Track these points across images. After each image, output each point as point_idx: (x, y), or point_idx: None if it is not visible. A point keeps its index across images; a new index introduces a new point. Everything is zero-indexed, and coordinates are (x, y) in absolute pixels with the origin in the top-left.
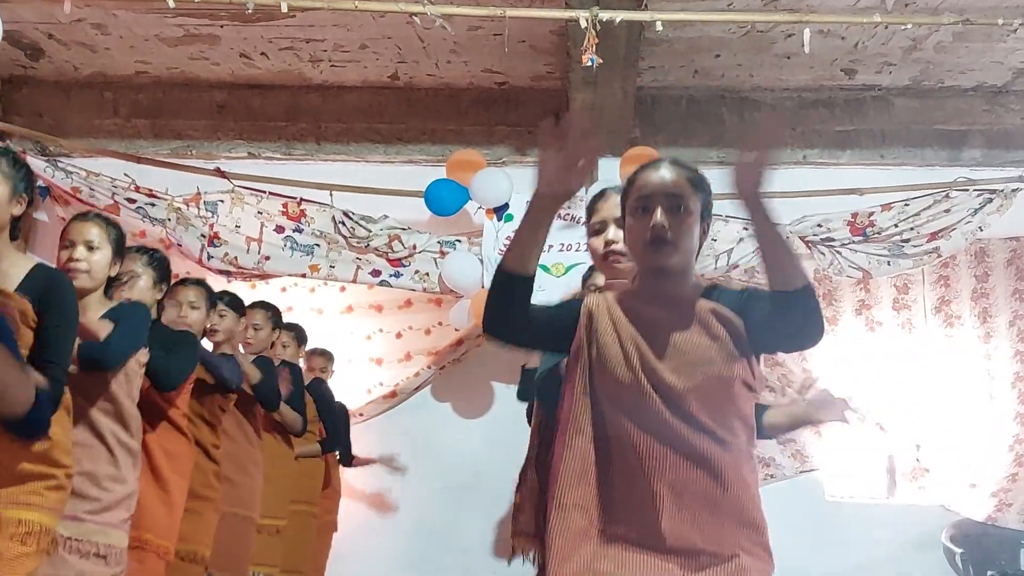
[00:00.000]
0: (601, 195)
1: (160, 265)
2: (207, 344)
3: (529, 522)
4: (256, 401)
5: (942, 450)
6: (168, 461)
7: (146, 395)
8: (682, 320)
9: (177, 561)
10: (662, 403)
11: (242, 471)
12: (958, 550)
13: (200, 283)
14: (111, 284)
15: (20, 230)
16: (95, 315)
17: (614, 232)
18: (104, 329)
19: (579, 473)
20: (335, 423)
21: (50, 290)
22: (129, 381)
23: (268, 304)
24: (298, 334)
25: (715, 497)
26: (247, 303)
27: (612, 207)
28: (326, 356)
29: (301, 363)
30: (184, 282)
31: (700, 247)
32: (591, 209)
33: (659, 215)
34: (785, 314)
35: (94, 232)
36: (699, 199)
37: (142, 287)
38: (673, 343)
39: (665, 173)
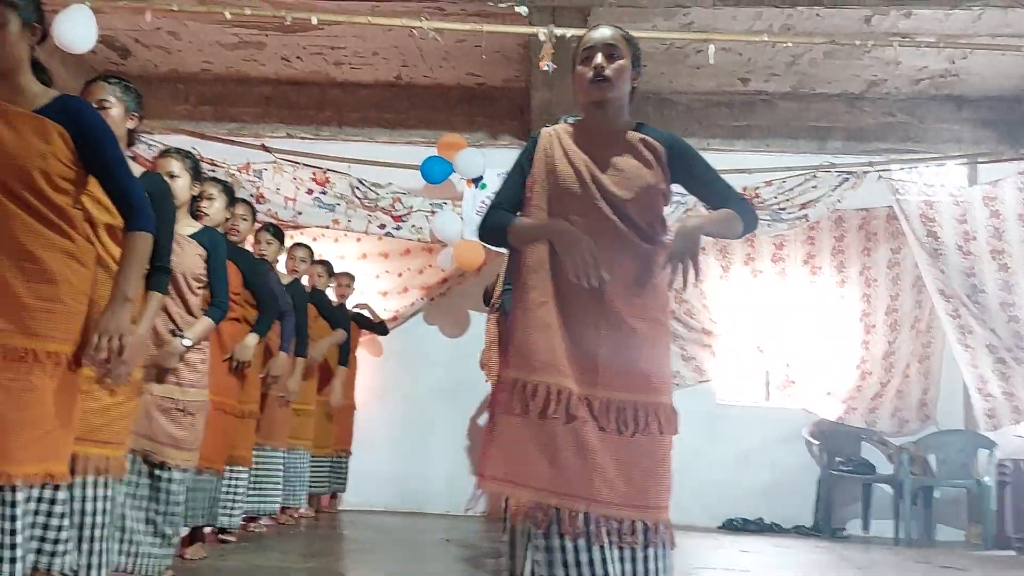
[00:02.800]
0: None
1: (229, 190)
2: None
3: (492, 357)
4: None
5: (806, 367)
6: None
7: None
8: (618, 146)
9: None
10: (608, 208)
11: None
12: (816, 442)
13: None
14: (194, 201)
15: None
16: (184, 231)
17: (602, 58)
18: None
19: (536, 269)
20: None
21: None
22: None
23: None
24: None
25: (646, 279)
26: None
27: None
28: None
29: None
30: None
31: (632, 91)
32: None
33: (599, 59)
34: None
35: (174, 165)
36: (630, 51)
37: (217, 207)
38: (613, 163)
39: (604, 31)
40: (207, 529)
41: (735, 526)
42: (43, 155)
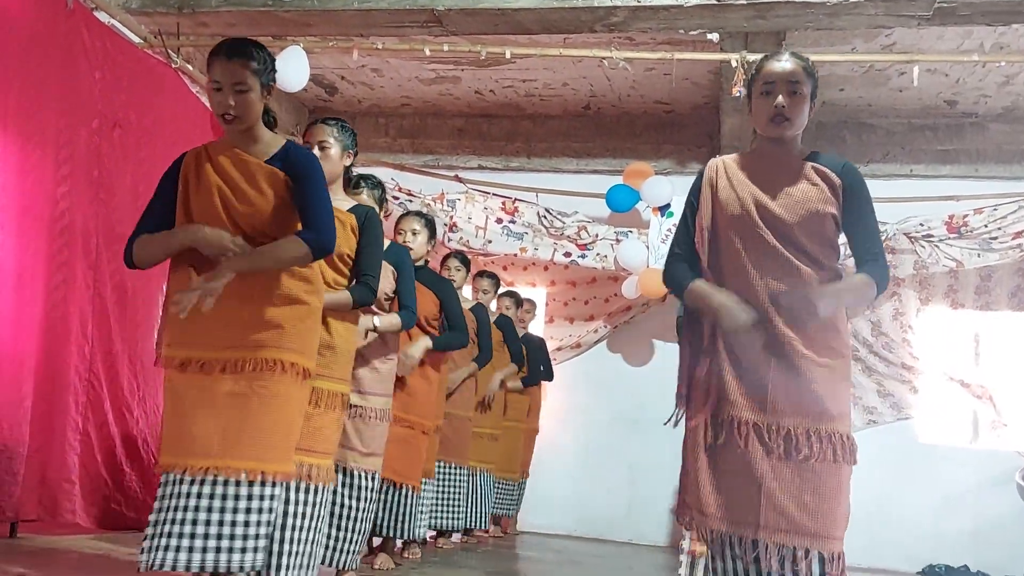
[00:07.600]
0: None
1: (431, 224)
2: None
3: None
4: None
5: (1018, 407)
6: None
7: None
8: (791, 173)
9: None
10: (771, 233)
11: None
12: None
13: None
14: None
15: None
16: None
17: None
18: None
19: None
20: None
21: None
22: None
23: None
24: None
25: (812, 310)
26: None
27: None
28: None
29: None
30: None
31: (807, 119)
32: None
33: (780, 98)
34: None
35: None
36: (810, 84)
37: (420, 241)
38: (783, 189)
39: (786, 63)
40: (398, 542)
41: (937, 573)
42: (269, 200)
